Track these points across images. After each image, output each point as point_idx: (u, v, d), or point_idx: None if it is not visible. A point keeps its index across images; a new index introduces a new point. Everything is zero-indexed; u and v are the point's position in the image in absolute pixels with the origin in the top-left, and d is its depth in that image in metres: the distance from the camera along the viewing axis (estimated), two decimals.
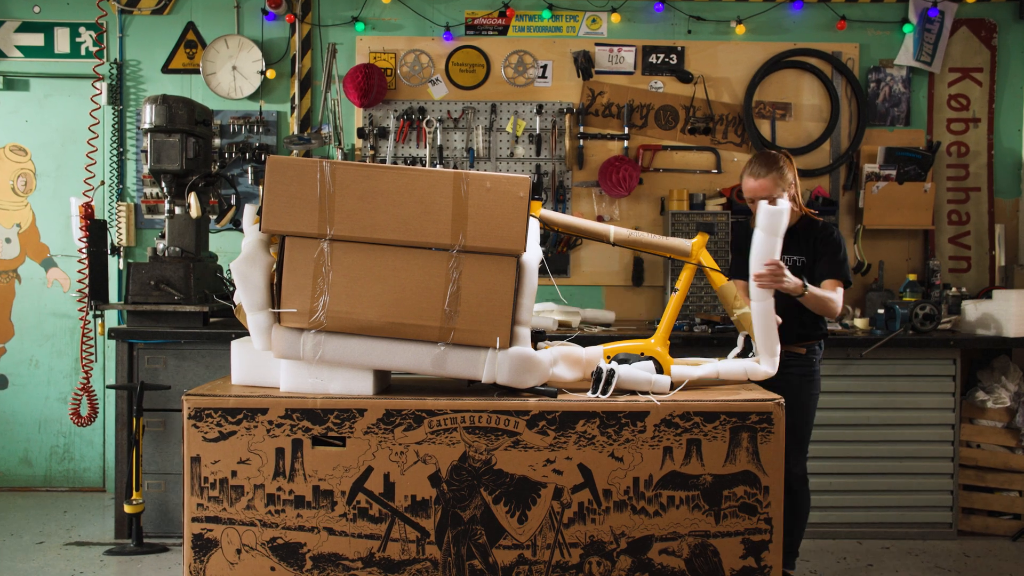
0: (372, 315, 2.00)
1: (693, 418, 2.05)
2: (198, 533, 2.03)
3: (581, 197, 4.62)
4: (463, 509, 2.04)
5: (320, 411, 2.03)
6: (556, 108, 4.61)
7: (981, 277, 4.66)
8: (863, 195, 4.53)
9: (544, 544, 2.04)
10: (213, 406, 2.03)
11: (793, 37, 4.64)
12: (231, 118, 4.61)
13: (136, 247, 4.62)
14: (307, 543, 2.03)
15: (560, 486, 2.04)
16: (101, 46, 4.59)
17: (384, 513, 2.03)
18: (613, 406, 2.05)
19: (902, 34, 4.61)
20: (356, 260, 2.00)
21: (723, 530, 2.06)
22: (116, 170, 4.61)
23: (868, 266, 4.58)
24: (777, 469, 2.06)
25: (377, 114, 4.60)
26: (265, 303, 2.05)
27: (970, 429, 3.95)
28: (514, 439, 2.03)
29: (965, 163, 4.68)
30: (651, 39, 4.63)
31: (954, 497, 3.88)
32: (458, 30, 4.61)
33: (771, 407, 2.06)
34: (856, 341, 3.81)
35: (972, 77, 4.67)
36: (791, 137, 4.66)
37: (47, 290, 4.66)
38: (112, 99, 4.58)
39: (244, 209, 2.16)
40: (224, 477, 2.02)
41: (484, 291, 2.01)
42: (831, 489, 3.85)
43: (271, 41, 4.64)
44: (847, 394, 3.85)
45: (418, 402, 2.03)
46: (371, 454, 2.03)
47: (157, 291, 3.68)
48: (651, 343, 2.34)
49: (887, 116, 4.67)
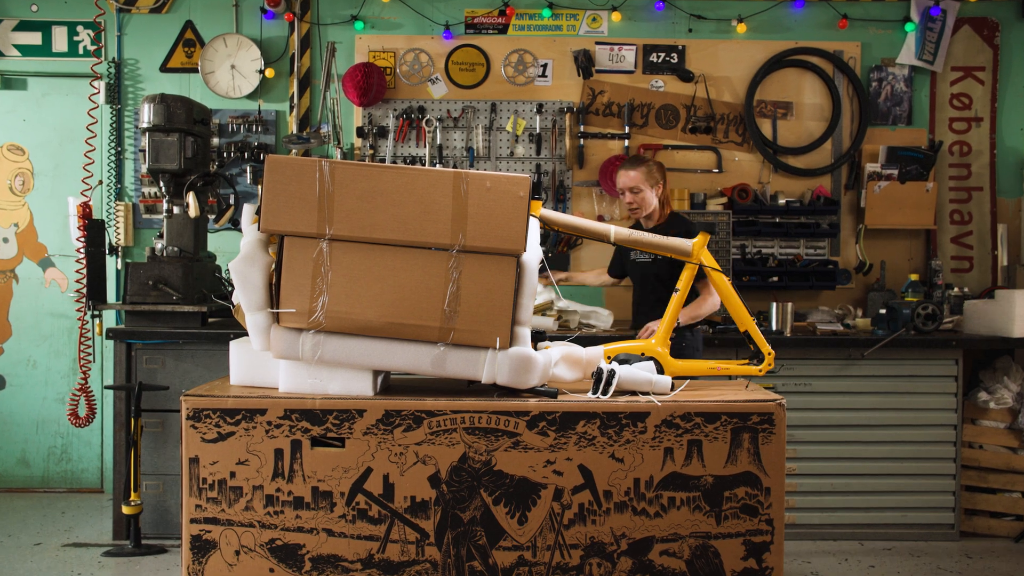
0: (371, 315, 2.00)
1: (694, 419, 2.05)
2: (196, 534, 2.03)
3: (581, 196, 4.62)
4: (463, 510, 2.04)
5: (319, 412, 2.03)
6: (556, 107, 4.61)
7: (983, 277, 4.67)
8: (865, 195, 4.53)
9: (544, 545, 2.04)
10: (212, 407, 2.03)
11: (794, 36, 4.64)
12: (230, 117, 4.61)
13: (134, 247, 4.62)
14: (306, 544, 2.03)
15: (560, 487, 2.04)
16: (99, 45, 4.59)
17: (383, 514, 2.03)
18: (614, 407, 2.05)
19: (904, 33, 4.62)
20: (355, 260, 2.00)
21: (724, 531, 2.06)
22: (114, 169, 4.61)
23: (870, 266, 4.58)
24: (779, 470, 2.06)
25: (376, 113, 4.60)
26: (264, 303, 2.05)
27: (972, 430, 3.95)
28: (514, 440, 2.03)
29: (967, 162, 4.68)
30: (652, 38, 4.63)
31: (956, 498, 3.88)
32: (458, 29, 4.61)
33: (772, 407, 2.06)
34: (858, 341, 3.81)
35: (974, 76, 4.67)
36: (792, 136, 4.66)
37: (45, 290, 4.66)
38: (110, 98, 4.58)
39: (243, 209, 2.16)
40: (223, 478, 2.02)
41: (484, 291, 2.00)
42: (832, 490, 3.85)
43: (270, 40, 4.64)
44: (849, 395, 3.85)
45: (418, 403, 2.03)
46: (370, 455, 2.03)
47: (155, 291, 3.68)
48: (652, 343, 2.34)
49: (889, 115, 4.67)
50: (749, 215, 4.53)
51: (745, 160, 4.65)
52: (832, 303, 4.58)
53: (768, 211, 4.53)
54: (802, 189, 4.64)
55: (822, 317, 4.28)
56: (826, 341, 3.84)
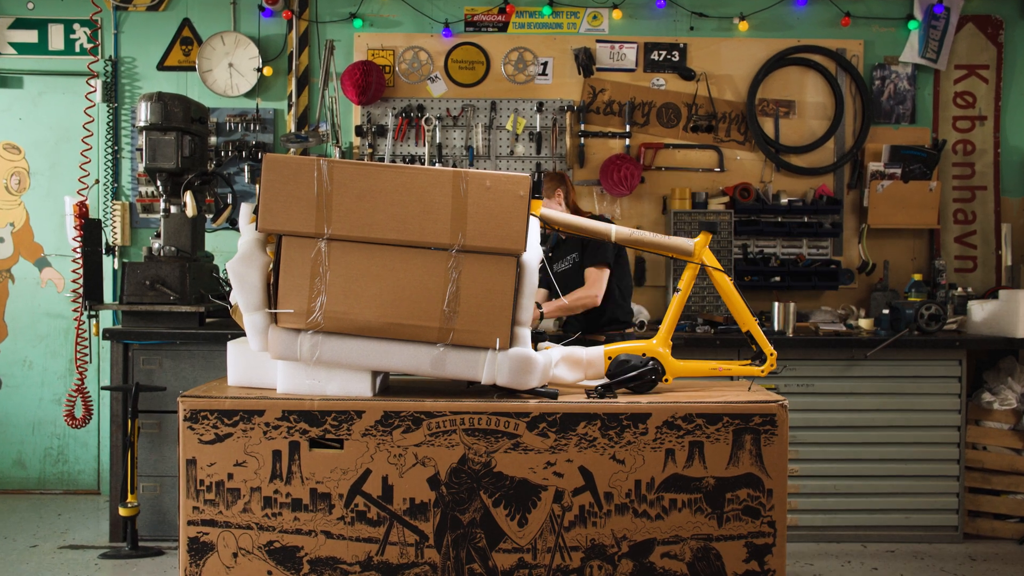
0: (370, 315, 2.00)
1: (695, 420, 2.05)
2: (194, 536, 2.03)
3: (582, 196, 4.62)
4: (462, 512, 2.04)
5: (317, 413, 2.02)
6: (557, 106, 4.60)
7: (987, 277, 4.66)
8: (868, 194, 4.53)
9: (544, 548, 2.04)
10: (209, 408, 2.02)
11: (797, 34, 4.64)
12: (227, 116, 4.61)
13: (131, 247, 4.62)
14: (304, 547, 2.03)
15: (561, 489, 2.04)
16: (96, 43, 4.59)
17: (382, 516, 2.03)
18: (615, 408, 2.04)
19: (907, 31, 4.61)
20: (354, 260, 1.99)
21: (726, 533, 2.06)
22: (111, 169, 4.60)
23: (873, 266, 4.58)
24: (781, 472, 2.06)
25: (375, 112, 4.60)
26: (262, 303, 2.04)
27: (976, 431, 3.95)
28: (514, 441, 2.03)
29: (971, 161, 4.68)
30: (653, 36, 4.63)
31: (960, 500, 3.87)
32: (457, 27, 4.61)
33: (775, 408, 2.06)
34: (860, 342, 3.80)
35: (978, 74, 4.67)
36: (795, 135, 4.66)
37: (41, 290, 4.66)
38: (107, 97, 4.58)
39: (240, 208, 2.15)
40: (220, 480, 2.02)
41: (484, 291, 2.00)
42: (835, 492, 3.85)
43: (268, 38, 4.64)
44: (851, 395, 3.85)
45: (417, 404, 2.03)
46: (369, 456, 2.02)
47: (152, 291, 3.68)
48: (653, 344, 2.34)
49: (892, 114, 4.66)
50: (751, 214, 4.52)
51: (747, 159, 4.64)
52: (835, 303, 4.57)
53: (770, 210, 4.53)
54: (804, 188, 4.64)
55: (825, 317, 4.28)
56: (829, 342, 3.83)
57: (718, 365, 2.36)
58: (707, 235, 2.40)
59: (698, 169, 4.63)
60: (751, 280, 4.44)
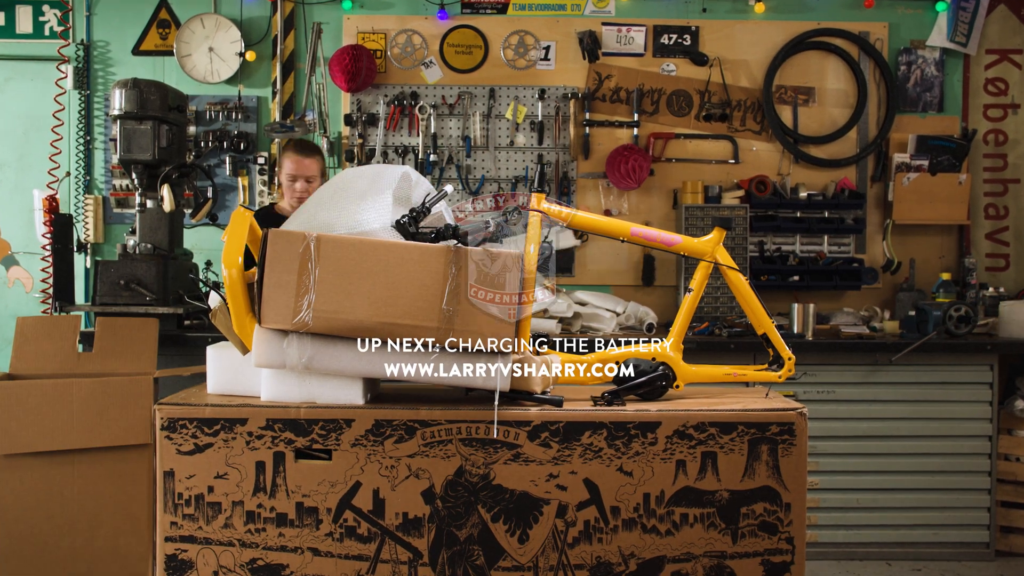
0: (363, 315, 1.99)
1: (708, 429, 2.05)
2: (172, 554, 2.03)
3: (587, 189, 4.62)
4: (459, 528, 2.04)
5: (304, 421, 2.02)
6: (560, 93, 4.61)
7: (1021, 276, 4.67)
8: (892, 187, 4.53)
9: (547, 566, 2.04)
10: (188, 416, 2.02)
11: (817, 16, 4.64)
12: (207, 104, 4.61)
13: (104, 244, 4.62)
14: (290, 564, 2.03)
15: (564, 503, 2.04)
16: (67, 26, 4.59)
17: (373, 532, 2.03)
18: (622, 416, 2.04)
19: (935, 13, 4.62)
20: (345, 254, 1.99)
21: (741, 550, 2.06)
22: (83, 160, 4.61)
23: (898, 264, 4.58)
24: (800, 485, 2.06)
25: (366, 99, 4.60)
26: None
27: (1009, 441, 3.95)
28: (514, 452, 2.03)
29: (1003, 152, 4.68)
30: (663, 18, 4.63)
31: (991, 515, 3.88)
32: (453, 8, 4.61)
33: (793, 417, 2.06)
34: (885, 346, 3.81)
35: (1011, 59, 4.67)
36: (814, 124, 4.67)
37: (8, 290, 4.66)
38: (78, 83, 4.58)
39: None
40: (200, 493, 2.02)
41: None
42: (857, 506, 3.85)
43: (251, 20, 4.64)
44: (875, 403, 3.85)
45: (410, 412, 2.03)
46: (359, 468, 2.02)
47: (127, 291, 3.68)
48: (664, 348, 2.34)
49: (919, 102, 4.67)
50: (768, 209, 4.53)
51: (763, 150, 4.65)
52: (857, 304, 4.58)
53: (788, 205, 4.53)
54: (825, 181, 4.64)
55: (846, 319, 4.28)
56: (851, 345, 3.84)
57: (732, 370, 2.36)
58: (721, 231, 2.40)
59: (711, 161, 4.64)
60: (768, 280, 4.44)
